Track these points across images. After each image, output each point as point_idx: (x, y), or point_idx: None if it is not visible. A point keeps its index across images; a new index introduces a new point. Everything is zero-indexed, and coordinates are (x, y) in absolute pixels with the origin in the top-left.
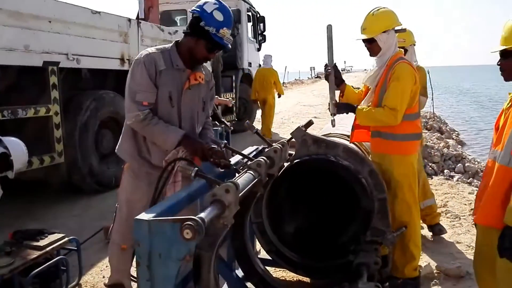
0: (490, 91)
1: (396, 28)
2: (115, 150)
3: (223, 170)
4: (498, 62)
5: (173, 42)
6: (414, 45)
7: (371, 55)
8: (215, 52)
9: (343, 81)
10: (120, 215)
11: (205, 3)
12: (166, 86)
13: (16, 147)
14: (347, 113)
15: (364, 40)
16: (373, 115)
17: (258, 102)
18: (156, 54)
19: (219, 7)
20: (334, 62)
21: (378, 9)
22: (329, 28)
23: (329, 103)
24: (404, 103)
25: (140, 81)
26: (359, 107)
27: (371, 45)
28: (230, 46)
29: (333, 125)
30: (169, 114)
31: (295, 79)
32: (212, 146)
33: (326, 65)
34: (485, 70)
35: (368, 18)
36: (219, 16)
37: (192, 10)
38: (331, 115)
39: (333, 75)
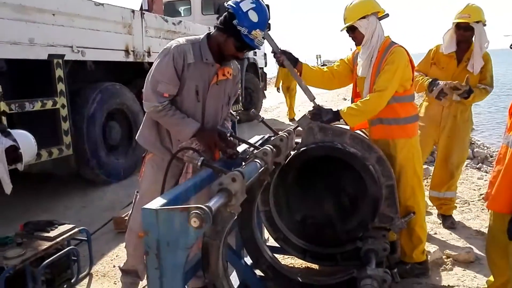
0: (497, 76)
1: (380, 15)
2: (136, 138)
3: (229, 159)
4: (511, 45)
5: (205, 34)
6: (485, 25)
7: (357, 44)
8: (244, 51)
9: (297, 60)
10: (141, 203)
11: (242, 0)
12: (194, 80)
13: (25, 140)
14: (329, 121)
15: (348, 31)
16: (361, 110)
17: (281, 88)
18: (187, 46)
19: (256, 7)
20: (279, 47)
21: None
22: None
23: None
24: (393, 86)
25: (165, 72)
26: (340, 109)
27: (354, 34)
28: (261, 48)
29: None
30: (194, 108)
31: None
32: (227, 137)
33: (274, 54)
34: (492, 55)
35: (346, 8)
36: (254, 17)
37: (227, 5)
38: (311, 101)
39: (287, 60)
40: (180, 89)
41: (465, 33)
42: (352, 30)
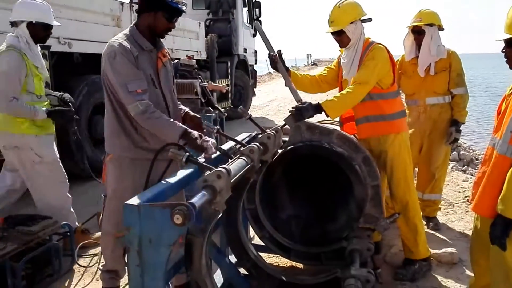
0: (483, 78)
1: (363, 18)
2: (106, 150)
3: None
4: (502, 49)
5: (129, 26)
6: (441, 29)
7: (341, 46)
8: (175, 20)
9: (288, 68)
10: (110, 206)
11: None
12: (146, 70)
13: None
14: (311, 115)
15: (333, 33)
16: (340, 102)
17: None
18: (125, 41)
19: None
20: (273, 49)
21: (343, 2)
22: (258, 25)
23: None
24: (373, 80)
25: (126, 71)
26: (322, 102)
27: (341, 37)
28: (185, 10)
29: None
30: (156, 96)
31: (292, 66)
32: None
33: (269, 55)
34: (478, 58)
35: (334, 11)
36: None
37: None
38: (297, 102)
39: (281, 62)
40: None
41: (419, 36)
42: (338, 34)
